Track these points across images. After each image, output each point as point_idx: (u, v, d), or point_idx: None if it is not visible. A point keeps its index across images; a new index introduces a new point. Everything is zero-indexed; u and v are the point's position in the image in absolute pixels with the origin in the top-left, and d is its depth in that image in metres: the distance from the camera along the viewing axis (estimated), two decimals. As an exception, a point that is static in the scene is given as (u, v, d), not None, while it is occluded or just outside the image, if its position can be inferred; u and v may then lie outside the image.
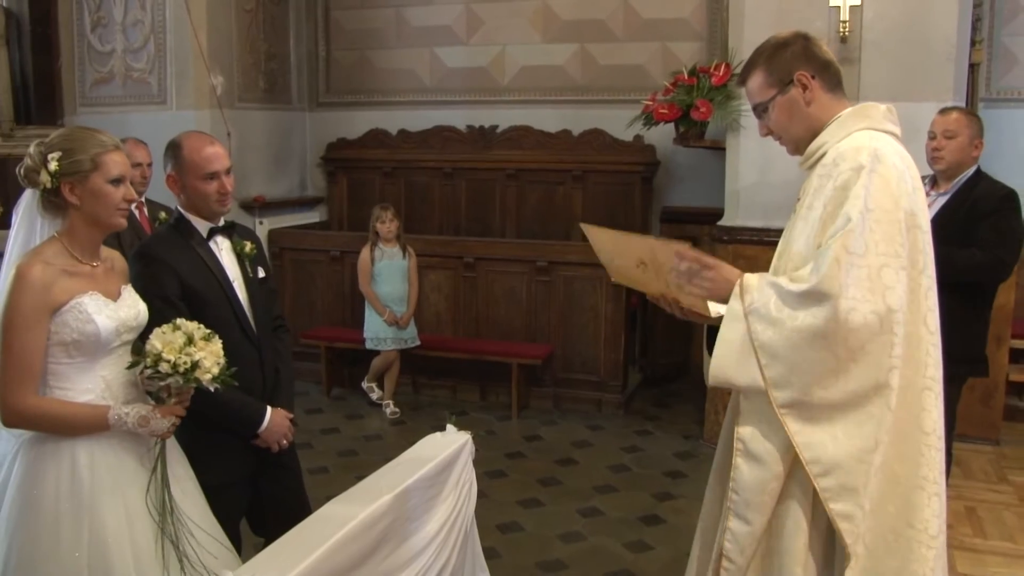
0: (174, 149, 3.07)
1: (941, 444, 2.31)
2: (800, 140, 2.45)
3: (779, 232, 4.51)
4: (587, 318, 6.65)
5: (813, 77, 2.38)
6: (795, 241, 2.38)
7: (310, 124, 8.67)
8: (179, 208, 3.12)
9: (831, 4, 5.20)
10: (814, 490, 2.26)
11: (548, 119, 7.80)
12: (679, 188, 7.55)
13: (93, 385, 2.57)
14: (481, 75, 8.01)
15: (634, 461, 5.75)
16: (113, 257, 2.74)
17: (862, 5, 5.14)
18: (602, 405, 6.67)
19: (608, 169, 7.57)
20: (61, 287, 2.49)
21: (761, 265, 5.44)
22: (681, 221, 7.42)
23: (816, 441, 2.21)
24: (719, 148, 6.12)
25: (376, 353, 6.66)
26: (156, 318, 2.67)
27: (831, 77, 2.42)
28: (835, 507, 2.21)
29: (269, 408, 3.11)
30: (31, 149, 2.56)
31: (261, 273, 3.23)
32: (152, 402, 2.66)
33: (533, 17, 7.86)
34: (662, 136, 7.03)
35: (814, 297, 2.19)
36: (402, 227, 6.74)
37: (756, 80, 2.45)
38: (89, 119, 7.44)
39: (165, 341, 2.50)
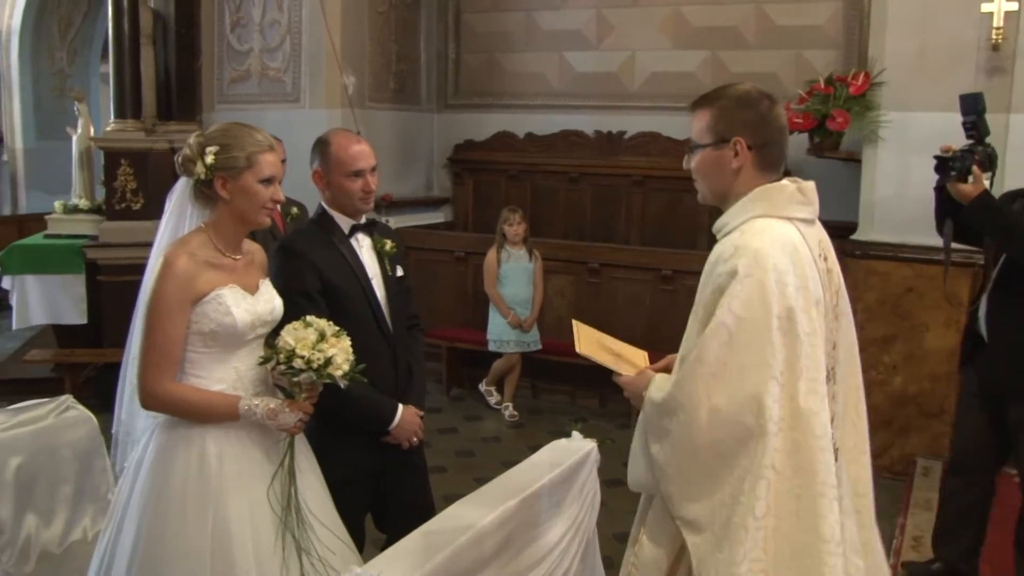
0: (322, 146, 3.12)
1: (841, 549, 2.17)
2: (711, 195, 2.38)
3: (915, 248, 4.36)
4: (709, 329, 6.50)
5: (749, 148, 2.26)
6: (688, 335, 2.29)
7: (438, 125, 8.76)
8: (322, 204, 3.17)
9: (983, 10, 4.96)
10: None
11: (676, 126, 7.66)
12: (809, 200, 7.34)
13: (226, 375, 2.63)
14: (610, 80, 7.95)
15: (754, 477, 5.61)
16: (254, 250, 2.80)
17: (1019, 11, 4.88)
18: (722, 417, 6.51)
19: (736, 178, 7.41)
20: (204, 278, 2.56)
21: (894, 282, 5.32)
22: (810, 233, 7.22)
23: (702, 553, 2.17)
24: (854, 160, 5.93)
25: (498, 355, 6.68)
26: (294, 313, 2.70)
27: (769, 156, 2.29)
28: None
29: (401, 405, 3.13)
30: (191, 139, 2.64)
31: (400, 272, 3.26)
32: (281, 396, 2.71)
33: (663, 23, 7.76)
34: (792, 146, 6.76)
35: (671, 408, 2.18)
36: (529, 230, 6.75)
37: (701, 120, 2.34)
38: (226, 116, 7.68)
39: (298, 337, 2.54)
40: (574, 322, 2.75)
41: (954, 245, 3.83)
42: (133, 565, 2.53)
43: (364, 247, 3.17)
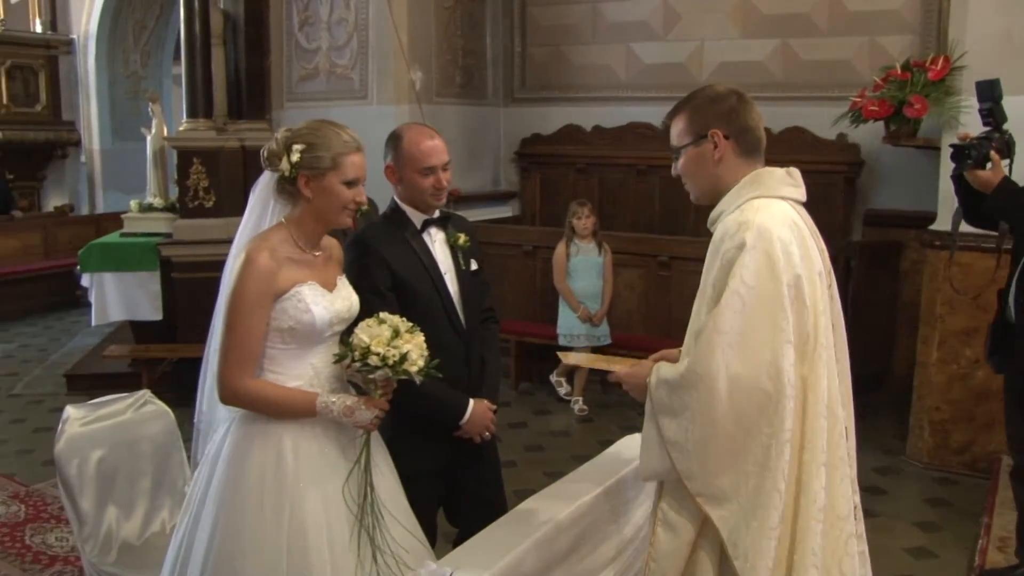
0: (395, 140, 3.09)
1: (823, 516, 2.25)
2: (701, 193, 2.47)
3: (999, 238, 4.22)
4: (782, 322, 6.39)
5: (727, 137, 2.37)
6: (695, 316, 2.37)
7: (504, 119, 8.76)
8: (395, 198, 3.15)
9: (1077, -13, 4.77)
10: (721, 549, 2.27)
11: (747, 116, 7.55)
12: (884, 189, 7.15)
13: (303, 372, 2.63)
14: (678, 71, 7.83)
15: (831, 473, 5.50)
16: (332, 246, 2.80)
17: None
18: (796, 413, 6.39)
19: (808, 169, 7.04)
20: (284, 275, 2.56)
21: (976, 273, 5.18)
22: (885, 224, 7.04)
23: (732, 525, 2.22)
24: (932, 148, 5.76)
25: (567, 349, 6.62)
26: (365, 310, 2.71)
27: (748, 142, 2.40)
28: None
29: (472, 400, 3.10)
30: (278, 134, 2.64)
31: (474, 265, 3.23)
32: (354, 393, 2.71)
33: (732, 11, 7.64)
34: (867, 134, 6.70)
35: (690, 382, 2.22)
36: (598, 223, 6.69)
37: (678, 125, 2.46)
38: (295, 114, 7.79)
39: (372, 334, 2.53)
40: (558, 354, 2.88)
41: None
42: (209, 558, 2.55)
43: (437, 241, 3.15)
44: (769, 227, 2.22)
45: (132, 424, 3.69)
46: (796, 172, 2.42)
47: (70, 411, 3.58)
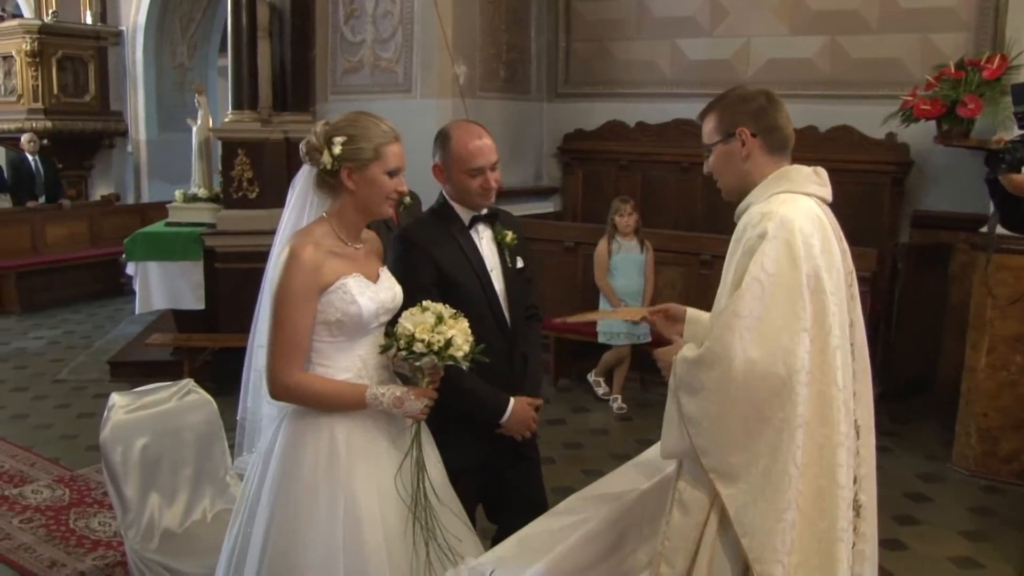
0: (443, 139, 3.05)
1: (851, 495, 2.36)
2: (731, 189, 2.54)
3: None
4: (826, 323, 6.30)
5: (754, 135, 2.44)
6: (717, 302, 2.43)
7: (548, 114, 8.73)
8: (443, 193, 3.12)
9: None
10: (725, 529, 2.33)
11: (792, 115, 7.36)
12: (934, 190, 7.04)
13: (351, 364, 2.64)
14: (724, 68, 7.75)
15: (874, 478, 5.41)
16: (370, 238, 2.80)
17: None
18: (839, 415, 6.30)
19: (855, 168, 7.11)
20: (329, 268, 2.56)
21: (1024, 277, 5.02)
22: (934, 226, 6.92)
23: (741, 503, 2.28)
24: (985, 149, 5.65)
25: (607, 347, 6.60)
26: (409, 304, 2.68)
27: (775, 140, 2.47)
28: (758, 568, 2.27)
29: (512, 399, 3.06)
30: (317, 128, 2.64)
31: (520, 263, 3.18)
32: (400, 383, 2.70)
33: (780, 7, 7.55)
34: (916, 134, 6.59)
35: (708, 361, 2.28)
36: (640, 221, 6.64)
37: (708, 124, 2.55)
38: (338, 106, 7.80)
39: (416, 322, 2.53)
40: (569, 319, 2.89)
41: None
42: (266, 552, 2.56)
43: (484, 238, 3.11)
44: (791, 218, 2.29)
45: (175, 412, 3.71)
46: (823, 171, 2.49)
47: (115, 398, 3.61)
